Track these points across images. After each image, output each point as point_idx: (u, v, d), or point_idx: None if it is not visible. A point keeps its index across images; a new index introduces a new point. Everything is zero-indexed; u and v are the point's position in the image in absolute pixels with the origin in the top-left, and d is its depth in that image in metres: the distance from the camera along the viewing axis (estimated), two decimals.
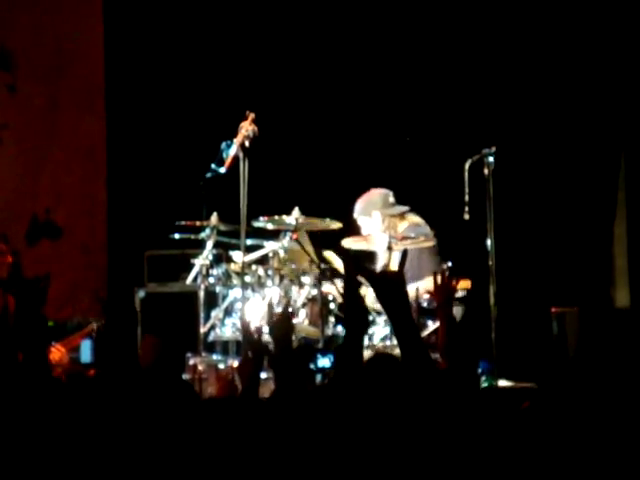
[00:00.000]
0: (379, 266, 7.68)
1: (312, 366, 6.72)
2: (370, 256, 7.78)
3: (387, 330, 7.06)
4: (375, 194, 7.72)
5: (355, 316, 3.72)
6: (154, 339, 5.85)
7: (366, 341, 7.07)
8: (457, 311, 7.55)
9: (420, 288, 7.20)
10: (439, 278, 4.32)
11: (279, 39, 9.42)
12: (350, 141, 9.38)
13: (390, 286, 3.49)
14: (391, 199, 7.72)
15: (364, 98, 9.45)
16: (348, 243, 7.42)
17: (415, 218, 7.70)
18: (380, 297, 3.52)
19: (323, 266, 7.36)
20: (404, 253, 3.66)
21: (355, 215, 7.70)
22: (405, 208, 7.70)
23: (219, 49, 9.47)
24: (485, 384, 6.97)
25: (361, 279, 3.71)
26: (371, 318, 7.18)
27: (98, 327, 7.60)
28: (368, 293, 7.30)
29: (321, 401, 3.59)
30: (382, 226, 7.59)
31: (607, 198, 9.43)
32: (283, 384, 3.90)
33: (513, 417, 3.42)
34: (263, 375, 6.86)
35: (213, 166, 7.14)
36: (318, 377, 6.70)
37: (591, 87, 9.31)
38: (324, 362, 6.84)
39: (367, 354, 4.28)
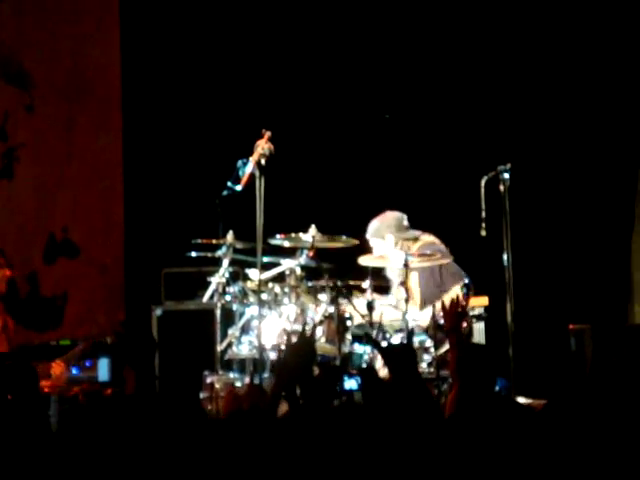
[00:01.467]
0: (395, 284, 7.67)
1: (338, 388, 6.69)
2: (384, 274, 7.77)
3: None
4: (389, 217, 7.69)
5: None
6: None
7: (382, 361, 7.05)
8: (476, 328, 7.55)
9: (438, 305, 7.19)
10: (447, 304, 4.34)
11: (296, 58, 9.44)
12: (367, 158, 9.38)
13: (399, 359, 3.55)
14: (405, 222, 7.69)
15: (380, 116, 9.45)
16: (365, 261, 7.43)
17: (428, 238, 7.68)
18: (390, 368, 3.58)
19: (340, 283, 7.36)
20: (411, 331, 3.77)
21: (368, 236, 7.68)
22: (418, 232, 7.68)
23: (236, 67, 9.50)
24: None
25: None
26: (388, 336, 7.17)
27: (94, 342, 7.61)
28: (384, 312, 7.32)
29: (341, 420, 3.59)
30: (395, 249, 7.57)
31: (624, 213, 9.40)
32: (302, 404, 3.90)
33: (528, 432, 3.42)
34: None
35: (229, 184, 7.16)
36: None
37: (607, 102, 9.29)
38: (351, 384, 6.81)
39: (385, 373, 4.29)
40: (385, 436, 3.42)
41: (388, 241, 7.60)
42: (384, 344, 4.42)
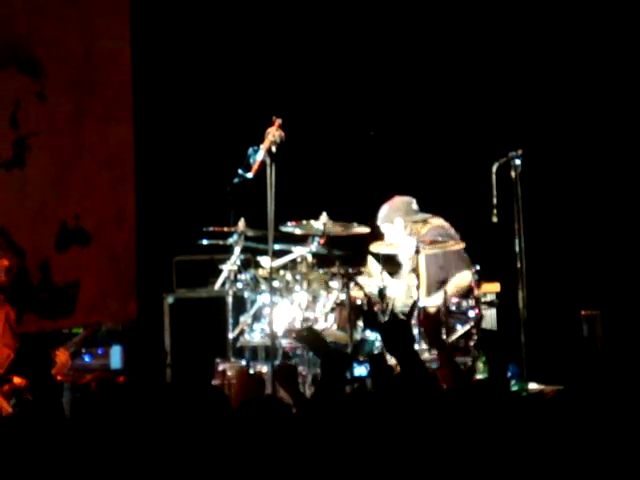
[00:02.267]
0: (405, 270, 7.67)
1: (348, 375, 6.70)
2: (396, 260, 7.78)
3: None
4: (397, 201, 7.73)
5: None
6: None
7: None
8: (488, 314, 7.55)
9: (448, 291, 7.20)
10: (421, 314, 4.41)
11: (306, 46, 9.43)
12: (378, 145, 9.37)
13: (396, 333, 3.57)
14: (414, 206, 7.72)
15: (391, 103, 9.44)
16: (376, 248, 7.43)
17: (437, 221, 7.68)
18: (387, 343, 3.60)
19: (351, 270, 7.36)
20: (413, 305, 3.77)
21: (378, 222, 7.71)
22: (427, 215, 7.70)
23: (246, 55, 9.49)
24: (515, 388, 6.95)
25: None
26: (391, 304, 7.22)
27: (95, 329, 7.63)
28: (396, 297, 7.33)
29: (353, 408, 3.60)
30: (404, 232, 7.59)
31: (636, 198, 9.37)
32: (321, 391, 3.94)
33: (540, 418, 3.42)
34: None
35: (240, 172, 7.15)
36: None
37: (619, 86, 9.26)
38: (360, 371, 6.82)
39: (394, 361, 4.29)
40: (394, 423, 3.43)
41: (397, 225, 7.62)
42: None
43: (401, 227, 7.62)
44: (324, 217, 7.39)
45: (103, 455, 3.57)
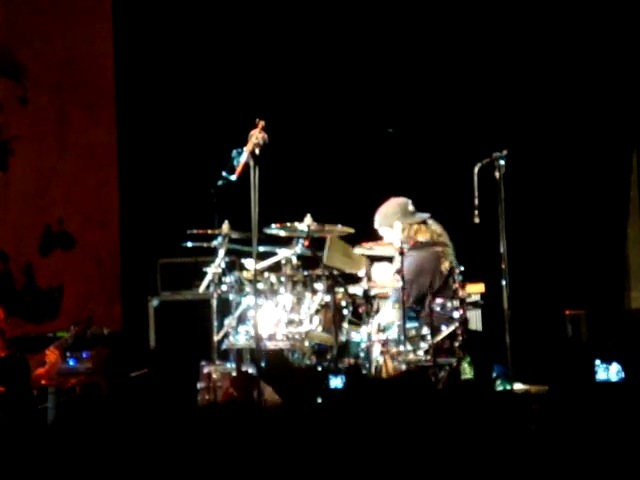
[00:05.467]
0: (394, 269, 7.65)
1: (324, 387, 6.69)
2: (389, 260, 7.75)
3: (399, 334, 7.04)
4: (393, 204, 7.62)
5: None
6: None
7: (380, 347, 7.07)
8: (473, 315, 7.56)
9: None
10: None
11: (289, 47, 9.43)
12: (360, 147, 9.38)
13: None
14: (410, 207, 7.62)
15: (374, 104, 9.45)
16: (363, 249, 7.41)
17: (437, 228, 7.61)
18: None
19: (335, 272, 7.35)
20: None
21: (376, 226, 7.62)
22: (426, 215, 7.61)
23: (229, 58, 9.48)
24: (500, 388, 6.96)
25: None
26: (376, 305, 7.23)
27: (86, 325, 7.64)
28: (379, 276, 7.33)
29: (327, 415, 3.60)
30: (402, 235, 7.53)
31: (620, 198, 9.41)
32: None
33: (525, 419, 3.42)
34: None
35: (224, 174, 7.14)
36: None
37: (601, 87, 9.29)
38: (336, 382, 6.81)
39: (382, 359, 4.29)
40: (376, 428, 3.43)
41: (396, 228, 7.54)
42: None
43: (400, 230, 7.53)
44: (308, 219, 7.38)
45: (88, 459, 3.56)
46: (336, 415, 3.48)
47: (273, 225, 7.36)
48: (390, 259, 7.56)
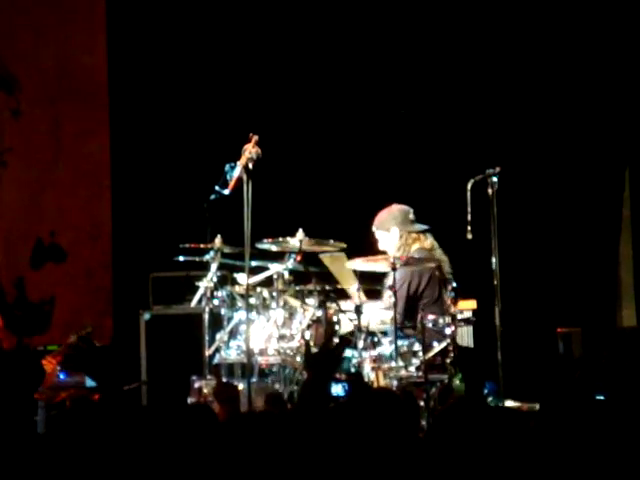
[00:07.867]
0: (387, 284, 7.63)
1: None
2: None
3: (391, 349, 7.02)
4: (394, 210, 7.66)
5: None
6: None
7: (372, 363, 7.05)
8: (464, 331, 7.55)
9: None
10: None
11: (283, 62, 9.44)
12: (353, 163, 9.39)
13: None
14: (411, 216, 7.64)
15: (367, 119, 9.46)
16: (355, 265, 7.39)
17: (428, 242, 7.62)
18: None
19: (328, 287, 7.35)
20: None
21: (374, 228, 7.67)
22: (424, 227, 7.63)
23: (223, 71, 9.49)
24: (492, 405, 6.94)
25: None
26: (376, 339, 7.17)
27: (86, 333, 7.64)
28: (373, 315, 7.32)
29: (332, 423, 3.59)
30: (398, 242, 7.55)
31: (612, 216, 9.42)
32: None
33: (518, 437, 3.41)
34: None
35: (217, 188, 7.14)
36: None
37: (594, 106, 9.32)
38: (337, 390, 6.79)
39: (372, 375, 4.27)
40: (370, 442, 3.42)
41: (393, 234, 7.56)
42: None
43: (396, 236, 7.56)
44: (300, 234, 7.38)
45: (78, 473, 3.55)
46: (341, 422, 3.47)
47: (265, 240, 7.36)
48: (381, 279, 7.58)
